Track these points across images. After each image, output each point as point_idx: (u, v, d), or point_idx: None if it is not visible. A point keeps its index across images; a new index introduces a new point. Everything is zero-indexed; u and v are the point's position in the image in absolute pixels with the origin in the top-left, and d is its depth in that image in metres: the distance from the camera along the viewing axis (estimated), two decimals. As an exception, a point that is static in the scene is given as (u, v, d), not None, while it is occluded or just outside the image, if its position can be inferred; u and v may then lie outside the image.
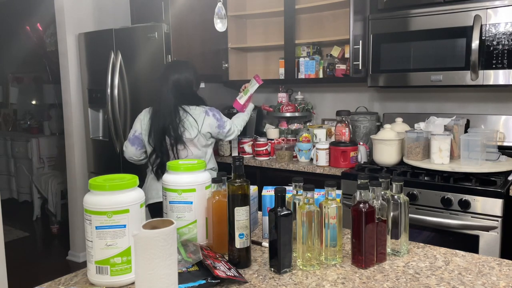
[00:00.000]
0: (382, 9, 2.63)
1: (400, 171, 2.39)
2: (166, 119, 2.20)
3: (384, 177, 1.32)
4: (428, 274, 1.19)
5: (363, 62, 2.73)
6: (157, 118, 2.23)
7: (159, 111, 2.24)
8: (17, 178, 5.37)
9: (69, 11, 3.40)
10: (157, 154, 2.24)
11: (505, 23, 2.23)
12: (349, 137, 2.69)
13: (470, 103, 2.78)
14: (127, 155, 2.38)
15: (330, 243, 1.26)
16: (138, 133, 2.32)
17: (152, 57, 2.98)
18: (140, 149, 2.34)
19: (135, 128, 2.34)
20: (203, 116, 2.27)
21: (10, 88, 6.00)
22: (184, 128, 2.22)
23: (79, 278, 1.20)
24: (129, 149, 2.36)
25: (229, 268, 1.18)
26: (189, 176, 1.36)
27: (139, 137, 2.32)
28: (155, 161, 2.26)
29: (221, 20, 1.98)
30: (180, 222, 1.35)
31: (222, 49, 3.42)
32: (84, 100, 3.49)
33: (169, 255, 0.93)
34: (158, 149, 2.24)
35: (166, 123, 2.20)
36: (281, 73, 3.24)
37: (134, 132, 2.34)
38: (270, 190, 1.48)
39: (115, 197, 1.11)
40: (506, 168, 2.22)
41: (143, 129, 2.30)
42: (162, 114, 2.22)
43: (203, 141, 2.29)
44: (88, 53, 3.39)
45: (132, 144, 2.34)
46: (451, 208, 2.16)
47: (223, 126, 2.36)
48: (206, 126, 2.28)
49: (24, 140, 5.20)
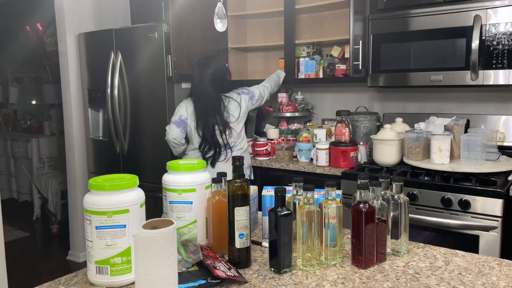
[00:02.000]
0: (382, 9, 2.63)
1: (400, 171, 2.39)
2: (211, 111, 2.44)
3: (384, 177, 1.32)
4: (428, 274, 1.19)
5: (363, 62, 2.73)
6: (203, 113, 2.45)
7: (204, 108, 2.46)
8: (17, 178, 5.37)
9: (69, 11, 3.40)
10: (210, 146, 2.48)
11: (505, 23, 2.23)
12: (349, 137, 2.69)
13: (470, 103, 2.78)
14: (171, 136, 2.51)
15: (330, 243, 1.26)
16: (184, 117, 2.50)
17: (152, 57, 2.98)
18: (183, 132, 2.52)
19: (180, 113, 2.52)
20: (240, 98, 2.56)
21: (10, 88, 6.00)
22: (229, 114, 2.50)
23: (79, 278, 1.20)
24: (174, 131, 2.50)
25: (229, 268, 1.18)
26: (189, 176, 1.36)
27: (185, 121, 2.50)
28: (207, 152, 2.50)
29: (221, 20, 1.98)
30: (180, 222, 1.35)
31: (222, 49, 3.42)
32: (84, 100, 3.49)
33: (169, 255, 0.93)
34: (210, 141, 2.47)
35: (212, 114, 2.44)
36: (281, 73, 3.24)
37: (180, 116, 2.51)
38: (270, 190, 1.48)
39: (115, 197, 1.11)
40: (506, 168, 2.22)
41: (189, 115, 2.50)
42: (207, 109, 2.45)
43: (242, 119, 2.57)
44: (88, 53, 3.39)
45: (178, 126, 2.50)
46: (451, 208, 2.16)
47: (253, 96, 2.65)
48: (244, 104, 2.56)
49: (24, 140, 5.20)
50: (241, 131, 2.60)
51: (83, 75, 3.47)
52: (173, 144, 2.56)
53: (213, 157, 2.51)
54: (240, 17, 3.48)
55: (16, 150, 5.28)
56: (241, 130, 2.59)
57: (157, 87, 2.99)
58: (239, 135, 2.58)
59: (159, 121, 3.00)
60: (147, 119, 3.08)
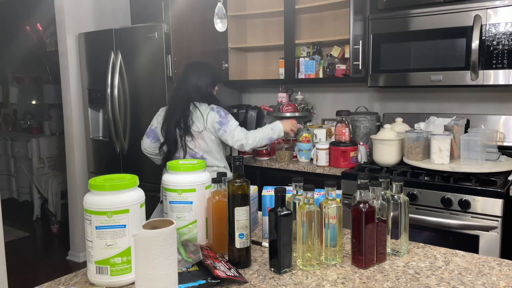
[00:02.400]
0: (382, 9, 2.63)
1: (400, 171, 2.39)
2: (178, 113, 2.39)
3: (384, 177, 1.32)
4: (428, 274, 1.19)
5: (363, 62, 2.73)
6: (171, 112, 2.42)
7: (174, 107, 2.43)
8: (17, 178, 5.37)
9: (69, 11, 3.40)
10: (167, 144, 2.43)
11: (505, 23, 2.23)
12: (349, 137, 2.69)
13: (470, 103, 2.78)
14: (142, 147, 2.55)
15: (330, 243, 1.26)
16: (154, 127, 2.50)
17: (152, 57, 2.98)
18: (154, 142, 2.50)
19: (152, 122, 2.53)
20: (208, 111, 2.42)
21: (10, 88, 6.00)
22: (193, 121, 2.39)
23: (79, 278, 1.20)
24: (144, 141, 2.53)
25: (229, 268, 1.18)
26: (189, 176, 1.36)
27: (155, 131, 2.49)
28: (164, 151, 2.46)
29: (221, 20, 1.98)
30: (180, 222, 1.35)
31: (222, 49, 3.42)
32: (84, 100, 3.49)
33: (169, 255, 0.93)
34: (167, 139, 2.41)
35: (178, 116, 2.39)
36: (281, 73, 3.24)
37: (150, 126, 2.52)
38: (270, 190, 1.48)
39: (115, 197, 1.11)
40: (506, 168, 2.22)
41: (159, 123, 2.48)
42: (176, 109, 2.41)
43: (210, 135, 2.41)
44: (88, 53, 3.39)
45: (147, 137, 2.51)
46: (451, 208, 2.16)
47: (225, 124, 2.39)
48: (210, 120, 2.40)
49: (24, 140, 5.20)
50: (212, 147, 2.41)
51: (83, 75, 3.47)
52: (148, 155, 2.56)
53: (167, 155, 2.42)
54: (240, 17, 3.48)
55: (16, 150, 5.28)
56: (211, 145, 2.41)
57: (157, 87, 2.99)
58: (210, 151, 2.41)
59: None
60: (147, 119, 3.05)
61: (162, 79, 2.95)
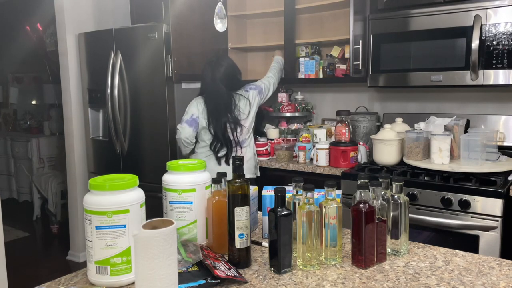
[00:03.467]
0: (382, 9, 2.63)
1: (400, 171, 2.39)
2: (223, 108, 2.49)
3: (384, 177, 1.32)
4: (428, 274, 1.19)
5: (363, 62, 2.73)
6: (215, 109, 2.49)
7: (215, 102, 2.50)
8: (17, 178, 5.37)
9: (69, 11, 3.40)
10: (221, 144, 2.52)
11: (505, 23, 2.23)
12: (349, 137, 2.69)
13: (470, 103, 2.78)
14: (183, 135, 2.54)
15: (330, 243, 1.26)
16: (196, 116, 2.53)
17: (152, 57, 2.98)
18: (195, 131, 2.55)
19: (191, 112, 2.54)
20: (248, 94, 2.60)
21: (10, 88, 6.00)
22: (239, 111, 2.55)
23: (79, 278, 1.20)
24: (186, 130, 2.53)
25: (229, 268, 1.18)
26: (189, 176, 1.36)
27: (197, 120, 2.53)
28: (220, 150, 2.54)
29: (221, 20, 1.98)
30: (180, 222, 1.35)
31: (222, 49, 3.41)
32: (84, 100, 3.49)
33: (169, 255, 0.93)
34: (221, 139, 2.51)
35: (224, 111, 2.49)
36: (281, 73, 3.24)
37: (191, 115, 2.53)
38: (270, 190, 1.48)
39: (115, 197, 1.11)
40: (506, 168, 2.22)
41: (200, 113, 2.53)
42: (218, 105, 2.49)
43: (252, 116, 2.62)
44: (88, 53, 3.39)
45: (190, 125, 2.53)
46: (451, 208, 2.16)
47: (261, 89, 2.70)
48: (253, 100, 2.61)
49: (24, 140, 5.20)
50: (250, 127, 2.64)
51: (83, 75, 3.47)
52: (185, 144, 2.57)
53: (227, 155, 2.55)
54: (240, 17, 3.48)
55: (16, 150, 5.28)
56: (250, 126, 2.64)
57: (157, 87, 2.99)
58: (248, 131, 2.63)
59: (159, 121, 3.00)
60: (147, 119, 3.08)
61: (162, 79, 2.95)
